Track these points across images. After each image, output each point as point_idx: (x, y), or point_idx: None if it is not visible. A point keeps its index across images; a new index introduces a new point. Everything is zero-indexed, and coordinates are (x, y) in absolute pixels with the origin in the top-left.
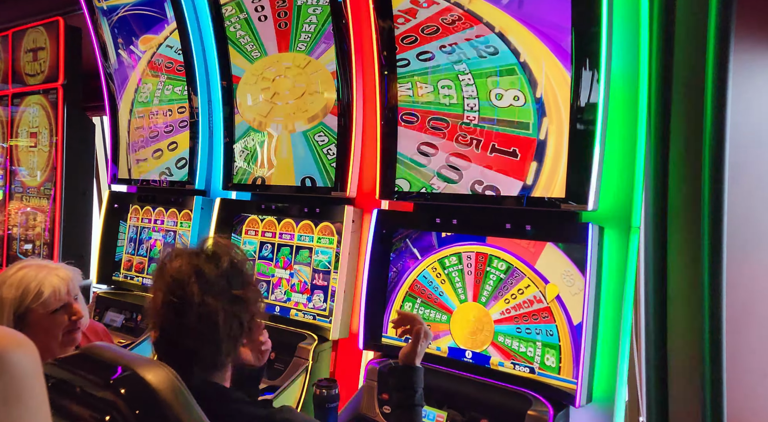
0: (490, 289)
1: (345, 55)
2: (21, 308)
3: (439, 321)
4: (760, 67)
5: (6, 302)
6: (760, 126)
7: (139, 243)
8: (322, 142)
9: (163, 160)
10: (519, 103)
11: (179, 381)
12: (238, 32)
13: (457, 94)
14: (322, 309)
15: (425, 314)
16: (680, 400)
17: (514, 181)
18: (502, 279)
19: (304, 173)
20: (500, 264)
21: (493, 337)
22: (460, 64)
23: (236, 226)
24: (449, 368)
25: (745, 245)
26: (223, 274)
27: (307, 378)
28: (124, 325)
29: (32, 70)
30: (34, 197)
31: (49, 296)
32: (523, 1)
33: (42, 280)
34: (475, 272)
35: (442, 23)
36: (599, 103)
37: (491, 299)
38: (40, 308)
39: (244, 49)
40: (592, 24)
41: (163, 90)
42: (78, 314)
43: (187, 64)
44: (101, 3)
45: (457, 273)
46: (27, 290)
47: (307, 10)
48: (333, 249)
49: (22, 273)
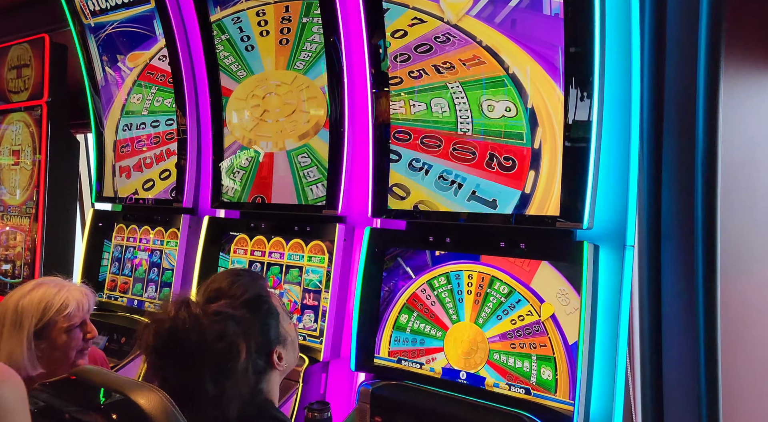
0: (485, 308)
1: (336, 72)
2: (42, 322)
3: (434, 336)
4: (751, 85)
5: (27, 315)
6: (752, 144)
7: (123, 263)
8: (304, 163)
9: (150, 177)
10: (511, 114)
11: (172, 405)
12: (222, 53)
13: (451, 111)
14: (313, 330)
15: (418, 333)
16: (676, 420)
17: (511, 190)
18: (497, 298)
19: (291, 191)
20: (494, 283)
21: (488, 357)
22: (452, 82)
23: (224, 245)
24: (443, 389)
25: (738, 262)
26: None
27: (297, 401)
28: (107, 347)
29: (16, 87)
30: (15, 216)
31: (74, 309)
32: (516, 20)
33: (66, 293)
34: (468, 292)
35: (435, 42)
36: (592, 121)
37: (485, 318)
38: (62, 322)
39: (229, 70)
40: (584, 43)
41: (153, 101)
42: (93, 332)
43: (176, 82)
44: (88, 20)
45: (449, 293)
46: (51, 303)
47: (312, 28)
48: (324, 268)
49: (43, 289)
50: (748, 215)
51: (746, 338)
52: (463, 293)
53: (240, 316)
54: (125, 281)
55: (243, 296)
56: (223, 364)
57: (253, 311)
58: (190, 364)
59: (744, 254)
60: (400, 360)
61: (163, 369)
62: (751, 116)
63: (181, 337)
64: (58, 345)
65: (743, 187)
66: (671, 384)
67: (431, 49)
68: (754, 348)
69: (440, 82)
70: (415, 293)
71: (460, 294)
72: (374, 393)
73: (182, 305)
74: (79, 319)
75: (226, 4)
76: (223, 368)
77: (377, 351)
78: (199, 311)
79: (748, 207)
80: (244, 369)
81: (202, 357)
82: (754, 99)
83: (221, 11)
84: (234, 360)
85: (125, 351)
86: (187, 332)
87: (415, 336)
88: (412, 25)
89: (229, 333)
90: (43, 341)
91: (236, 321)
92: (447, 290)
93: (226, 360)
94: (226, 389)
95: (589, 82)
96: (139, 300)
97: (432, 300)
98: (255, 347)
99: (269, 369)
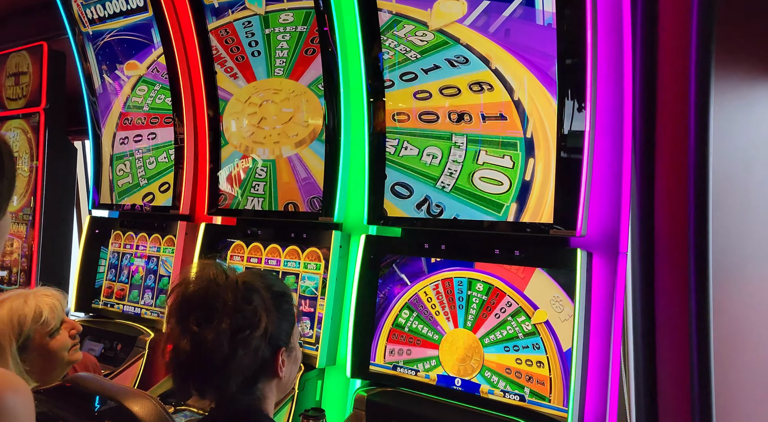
0: (479, 315)
1: (333, 81)
2: (22, 337)
3: (429, 343)
4: (742, 95)
5: (4, 335)
6: (744, 153)
7: (120, 270)
8: None
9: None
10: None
11: (166, 413)
12: (219, 62)
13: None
14: (309, 336)
15: (413, 340)
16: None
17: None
18: (491, 305)
19: (287, 198)
20: (489, 290)
21: (483, 364)
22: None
23: (221, 252)
24: (438, 396)
25: (731, 269)
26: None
27: (293, 408)
28: (103, 354)
29: (14, 94)
30: (12, 222)
31: (48, 315)
32: (509, 30)
33: (35, 301)
34: (463, 299)
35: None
36: (586, 130)
37: (480, 325)
38: (42, 329)
39: (227, 78)
40: (578, 53)
41: (155, 98)
42: (76, 327)
43: (174, 90)
44: (87, 28)
45: (445, 300)
46: (23, 315)
47: (308, 38)
48: (320, 275)
49: (8, 304)
50: (740, 222)
51: (739, 343)
52: (459, 300)
53: (266, 297)
54: (122, 288)
55: (272, 286)
56: (243, 329)
57: (276, 301)
58: (215, 316)
59: (736, 261)
60: (395, 367)
61: (187, 320)
62: (742, 124)
63: (215, 292)
64: (48, 351)
65: (735, 195)
66: (665, 389)
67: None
68: (747, 353)
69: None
70: (410, 301)
71: (456, 301)
72: (369, 399)
73: (221, 269)
74: (57, 321)
75: (223, 14)
76: (242, 333)
77: (373, 358)
78: (234, 276)
79: (740, 214)
80: (256, 347)
81: (228, 313)
82: (745, 109)
83: (218, 20)
84: (253, 329)
85: (121, 358)
86: (220, 288)
87: (411, 343)
88: (405, 35)
89: (255, 301)
90: (30, 353)
91: (262, 298)
92: (443, 297)
93: (247, 325)
94: (237, 355)
95: (582, 92)
96: (136, 307)
97: (427, 307)
98: (269, 332)
99: (271, 368)
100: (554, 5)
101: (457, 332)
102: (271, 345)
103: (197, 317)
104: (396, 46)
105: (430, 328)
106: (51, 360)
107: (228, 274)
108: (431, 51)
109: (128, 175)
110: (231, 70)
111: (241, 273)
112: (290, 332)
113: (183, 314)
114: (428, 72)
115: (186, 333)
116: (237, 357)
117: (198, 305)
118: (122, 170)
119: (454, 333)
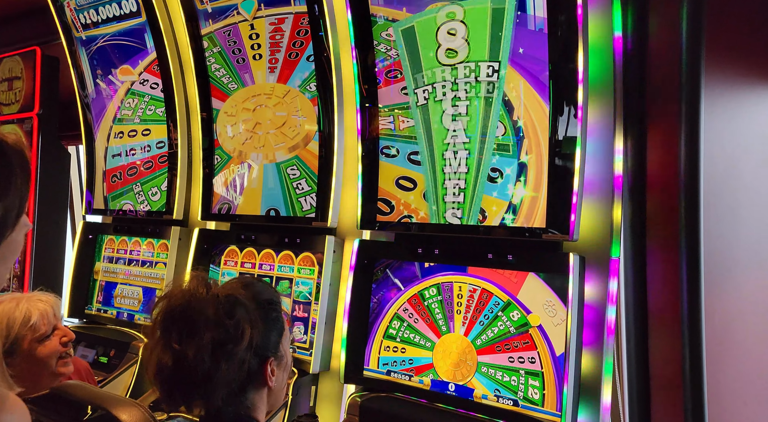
0: (473, 320)
1: (327, 85)
2: (9, 340)
3: (422, 348)
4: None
5: None
6: (734, 158)
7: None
8: (294, 175)
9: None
10: (499, 132)
11: (154, 421)
12: (213, 66)
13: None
14: (303, 342)
15: (407, 345)
16: None
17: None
18: (484, 310)
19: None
20: (482, 295)
21: (476, 369)
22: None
23: (215, 257)
24: (432, 401)
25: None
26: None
27: (286, 413)
28: (96, 360)
29: (7, 99)
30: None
31: (37, 320)
32: None
33: (26, 305)
34: (457, 303)
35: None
36: (578, 135)
37: (474, 330)
38: (30, 334)
39: (220, 82)
40: (569, 58)
41: (145, 109)
42: (69, 335)
43: (167, 95)
44: (80, 33)
45: (439, 304)
46: (13, 319)
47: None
48: (314, 280)
49: (0, 307)
50: (730, 226)
51: (730, 346)
52: (452, 304)
53: (250, 308)
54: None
55: (257, 295)
56: (226, 343)
57: (262, 311)
58: (195, 331)
59: (726, 264)
60: (389, 372)
61: (169, 335)
62: (731, 129)
63: (195, 307)
64: (35, 357)
65: (724, 198)
66: (658, 392)
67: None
68: (739, 356)
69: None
70: (404, 305)
71: (449, 306)
72: (363, 405)
73: (202, 282)
74: (48, 327)
75: (217, 18)
76: (225, 347)
77: (366, 363)
78: (216, 290)
79: (730, 218)
80: (241, 360)
81: (210, 328)
82: (734, 114)
83: (212, 24)
84: (235, 343)
85: (114, 364)
86: (202, 303)
87: (404, 348)
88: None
89: (238, 314)
90: (16, 357)
91: (246, 310)
92: (436, 301)
93: (229, 339)
94: (220, 369)
95: (575, 97)
96: (129, 313)
97: (421, 312)
98: (254, 343)
99: (260, 378)
100: (545, 10)
101: (450, 337)
102: (258, 355)
103: (179, 332)
104: (388, 50)
105: (424, 334)
106: (38, 367)
107: (210, 287)
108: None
109: (122, 179)
110: (224, 74)
111: (224, 285)
112: (279, 340)
113: (165, 328)
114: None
115: (167, 348)
116: (220, 371)
117: (179, 320)
118: (115, 176)
119: (447, 337)
